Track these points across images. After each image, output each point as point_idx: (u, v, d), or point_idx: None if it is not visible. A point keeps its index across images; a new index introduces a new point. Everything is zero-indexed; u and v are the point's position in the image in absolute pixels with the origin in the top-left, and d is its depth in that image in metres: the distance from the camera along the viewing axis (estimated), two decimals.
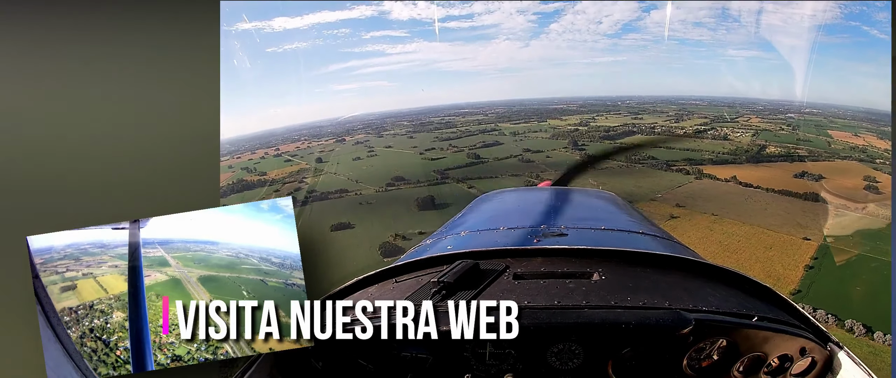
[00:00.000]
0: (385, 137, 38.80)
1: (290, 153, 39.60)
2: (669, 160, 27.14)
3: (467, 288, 2.23)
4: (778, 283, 15.91)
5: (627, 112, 42.44)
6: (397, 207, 21.97)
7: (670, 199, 22.14)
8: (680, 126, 39.33)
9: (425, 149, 33.25)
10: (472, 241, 3.28)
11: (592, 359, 2.08)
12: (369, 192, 24.42)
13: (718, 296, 2.17)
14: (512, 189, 5.47)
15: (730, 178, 25.68)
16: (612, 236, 3.28)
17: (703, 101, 45.03)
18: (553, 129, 38.03)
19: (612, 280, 2.22)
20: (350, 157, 33.93)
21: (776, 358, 2.09)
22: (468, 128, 38.89)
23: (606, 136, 33.89)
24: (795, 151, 33.15)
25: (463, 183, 25.60)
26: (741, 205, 22.26)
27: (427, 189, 24.84)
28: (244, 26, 42.01)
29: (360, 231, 18.67)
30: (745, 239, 19.47)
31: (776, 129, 37.35)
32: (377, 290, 2.48)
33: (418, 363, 2.18)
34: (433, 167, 28.56)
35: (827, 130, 36.72)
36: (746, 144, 33.25)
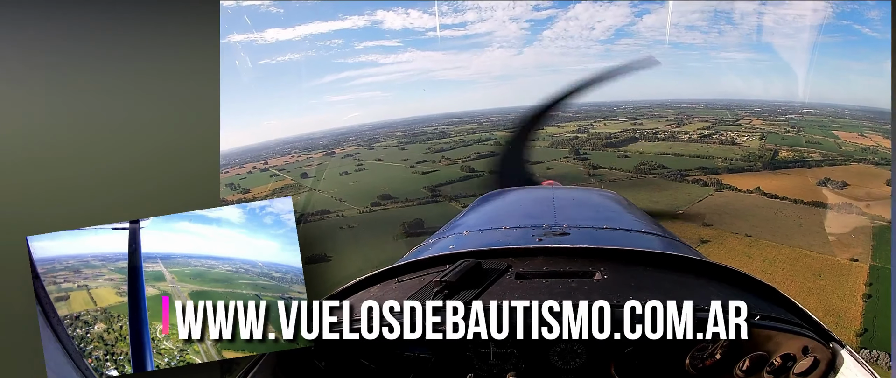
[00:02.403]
0: (376, 149, 36.29)
1: (278, 167, 36.90)
2: (682, 169, 24.22)
3: (469, 287, 2.16)
4: (840, 321, 12.85)
5: (625, 117, 40.02)
6: (381, 233, 18.80)
7: (695, 217, 18.97)
8: (682, 130, 36.82)
9: (417, 161, 30.25)
10: (474, 241, 3.20)
11: (595, 358, 2.04)
12: (353, 214, 21.32)
13: (721, 295, 2.11)
14: (514, 188, 5.21)
15: (753, 190, 22.69)
16: (614, 235, 3.18)
17: (699, 103, 42.70)
18: (551, 137, 35.41)
19: (614, 279, 2.18)
20: (337, 172, 30.92)
21: (779, 357, 2.04)
22: (462, 137, 36.56)
23: (609, 144, 30.93)
24: (808, 155, 30.89)
25: (456, 202, 22.26)
26: (773, 221, 19.26)
27: (416, 209, 21.72)
28: (236, 39, 39.40)
29: (336, 265, 15.48)
30: (790, 265, 16.44)
31: (781, 131, 35.15)
32: (379, 289, 2.43)
33: (421, 363, 2.12)
34: (424, 183, 25.47)
35: (832, 131, 34.68)
36: (757, 149, 30.54)
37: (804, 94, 34.09)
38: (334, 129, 41.30)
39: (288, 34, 42.53)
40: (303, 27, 39.59)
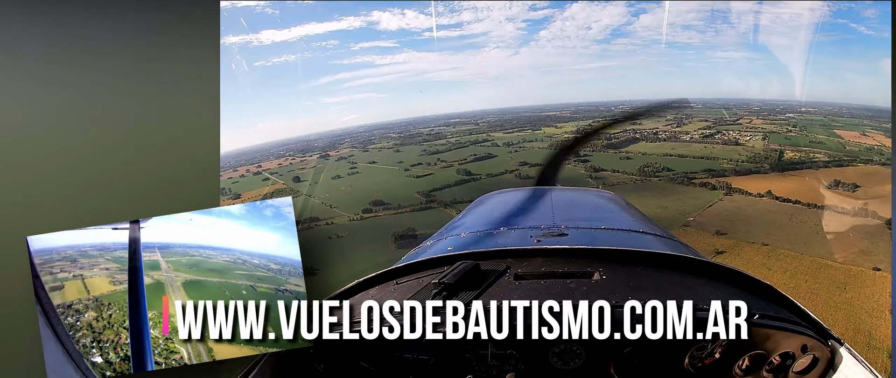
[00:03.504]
0: (370, 151, 35.01)
1: (270, 171, 35.55)
2: (687, 171, 22.96)
3: (468, 289, 2.15)
4: (872, 341, 11.60)
5: (624, 117, 38.74)
6: (372, 242, 17.51)
7: (706, 224, 17.72)
8: (683, 130, 35.64)
9: (412, 164, 28.95)
10: (472, 242, 3.15)
11: (594, 359, 2.03)
12: (343, 221, 20.04)
13: (720, 294, 2.09)
14: (512, 189, 5.17)
15: (764, 194, 21.44)
16: (613, 236, 3.14)
17: (697, 103, 41.54)
18: (549, 137, 34.19)
19: (612, 279, 2.16)
20: (330, 176, 29.59)
21: (778, 355, 2.02)
22: (459, 139, 35.32)
23: (610, 145, 29.64)
24: (813, 155, 29.77)
25: (451, 208, 20.94)
26: (789, 228, 18.05)
27: (409, 216, 20.42)
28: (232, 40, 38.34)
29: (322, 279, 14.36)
30: (812, 277, 15.24)
31: (783, 131, 34.00)
32: (378, 291, 2.41)
33: (420, 364, 2.08)
34: (418, 187, 24.15)
35: (833, 130, 33.58)
36: (762, 149, 29.37)
37: (802, 92, 33.10)
38: (330, 131, 40.13)
39: (283, 35, 41.37)
40: (298, 28, 38.39)
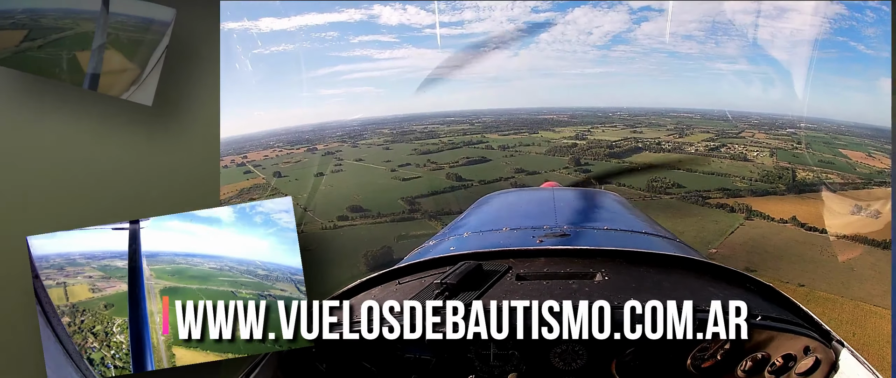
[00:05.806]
0: (360, 147, 32.12)
1: (255, 163, 32.77)
2: (700, 190, 20.52)
3: (470, 289, 2.15)
4: None
5: (623, 124, 36.24)
6: (341, 262, 14.84)
7: (732, 257, 15.27)
8: (686, 141, 33.09)
9: (399, 164, 26.24)
10: (474, 242, 3.16)
11: (596, 359, 2.05)
12: (315, 229, 17.46)
13: (722, 295, 2.08)
14: (514, 189, 5.22)
15: (788, 220, 18.97)
16: (615, 236, 3.14)
17: (695, 113, 38.90)
18: (548, 142, 31.42)
19: (615, 280, 2.17)
20: (313, 173, 26.82)
21: (780, 357, 2.01)
22: (452, 139, 32.45)
23: (612, 154, 27.07)
24: (826, 176, 27.40)
25: (436, 220, 18.22)
26: (822, 264, 15.61)
27: (388, 227, 17.82)
28: (230, 26, 35.27)
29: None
30: (858, 327, 12.86)
31: (788, 147, 31.55)
32: (380, 291, 2.42)
33: (422, 364, 2.09)
34: (403, 192, 21.51)
35: (837, 148, 31.31)
36: (772, 167, 26.92)
37: (801, 107, 30.70)
38: (323, 122, 37.46)
39: (283, 24, 38.60)
40: (299, 17, 35.51)
